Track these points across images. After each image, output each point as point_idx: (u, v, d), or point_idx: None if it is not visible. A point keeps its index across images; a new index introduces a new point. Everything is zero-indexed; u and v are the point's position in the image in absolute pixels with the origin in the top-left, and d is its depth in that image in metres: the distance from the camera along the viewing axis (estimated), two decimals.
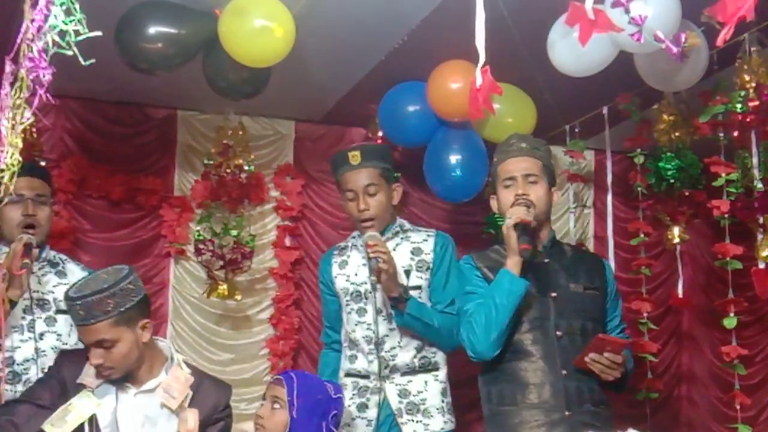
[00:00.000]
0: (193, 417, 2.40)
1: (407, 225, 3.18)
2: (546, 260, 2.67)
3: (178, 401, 2.41)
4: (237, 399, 3.98)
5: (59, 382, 2.41)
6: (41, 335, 2.83)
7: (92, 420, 2.35)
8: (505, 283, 2.55)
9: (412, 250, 3.09)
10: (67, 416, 2.32)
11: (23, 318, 2.81)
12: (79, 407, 2.34)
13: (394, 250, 3.05)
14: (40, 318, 2.84)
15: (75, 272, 2.98)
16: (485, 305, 2.57)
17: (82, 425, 2.34)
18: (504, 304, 2.54)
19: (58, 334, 2.87)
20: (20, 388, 2.73)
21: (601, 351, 2.52)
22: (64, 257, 3.07)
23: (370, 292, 3.06)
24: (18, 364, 2.77)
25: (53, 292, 2.88)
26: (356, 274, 3.11)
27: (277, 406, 2.59)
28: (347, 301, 3.10)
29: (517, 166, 2.70)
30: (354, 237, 3.22)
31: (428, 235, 3.13)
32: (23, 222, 2.81)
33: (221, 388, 2.58)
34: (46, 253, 2.96)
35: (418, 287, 3.04)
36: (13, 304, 2.64)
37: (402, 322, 2.96)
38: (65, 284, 2.87)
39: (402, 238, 3.11)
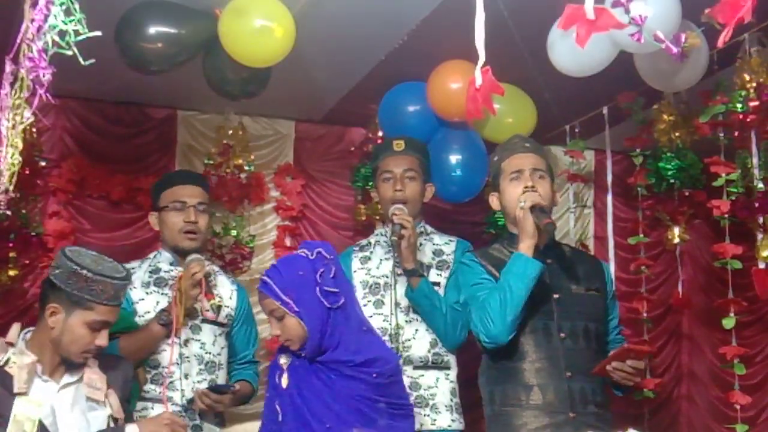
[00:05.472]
0: (115, 400, 2.39)
1: (430, 228, 3.26)
2: (548, 261, 2.65)
3: (104, 390, 2.38)
4: None
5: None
6: (186, 342, 2.91)
7: (41, 423, 2.26)
8: (520, 266, 2.51)
9: (434, 250, 3.18)
10: (24, 427, 2.20)
11: None
12: (26, 414, 2.24)
13: (417, 249, 3.09)
14: (186, 325, 2.91)
15: (225, 285, 3.08)
16: (499, 289, 2.53)
17: None
18: (519, 286, 2.49)
19: (202, 343, 2.95)
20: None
21: (625, 359, 2.52)
22: (216, 268, 3.16)
23: (390, 285, 3.09)
24: (163, 367, 2.87)
25: (201, 302, 2.93)
26: (378, 268, 3.16)
27: (278, 315, 2.43)
28: (364, 293, 3.14)
29: (525, 161, 2.69)
30: (377, 234, 3.28)
31: (450, 240, 3.22)
32: (184, 228, 2.97)
33: (119, 360, 2.54)
34: None
35: (437, 284, 3.09)
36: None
37: (411, 296, 3.00)
38: (214, 294, 3.00)
39: (425, 239, 3.19)
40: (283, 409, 2.42)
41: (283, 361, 2.48)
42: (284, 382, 2.45)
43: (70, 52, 1.77)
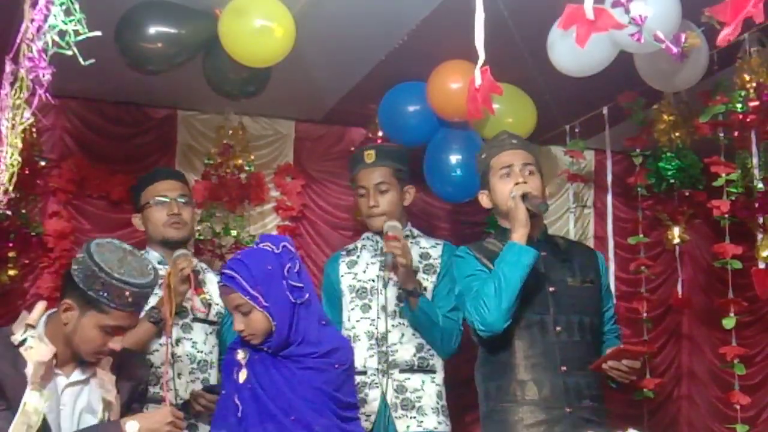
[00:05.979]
0: (116, 404, 2.34)
1: (416, 232, 3.27)
2: (543, 254, 2.64)
3: (113, 392, 2.32)
4: None
5: None
6: (177, 341, 2.94)
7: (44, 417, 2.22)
8: (513, 254, 2.52)
9: (421, 254, 3.19)
10: (30, 420, 2.14)
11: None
12: (35, 405, 2.16)
13: None
14: (177, 324, 2.92)
15: (214, 282, 3.05)
16: (494, 277, 2.53)
17: None
18: (513, 274, 2.49)
19: (194, 342, 2.99)
20: (157, 389, 2.81)
21: (621, 359, 2.53)
22: (204, 266, 3.19)
23: (377, 289, 3.09)
24: (156, 367, 2.88)
25: (191, 300, 2.92)
26: (365, 272, 3.18)
27: (245, 310, 2.37)
28: (352, 297, 3.15)
29: (515, 157, 2.71)
30: (364, 238, 3.28)
31: (437, 243, 3.24)
32: (169, 221, 3.00)
33: (133, 362, 2.48)
34: None
35: (424, 288, 3.09)
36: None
37: (411, 316, 3.00)
38: (203, 289, 2.97)
39: (412, 243, 3.20)
40: (243, 404, 2.38)
41: (242, 356, 2.44)
42: (242, 377, 2.42)
43: (70, 52, 1.77)
